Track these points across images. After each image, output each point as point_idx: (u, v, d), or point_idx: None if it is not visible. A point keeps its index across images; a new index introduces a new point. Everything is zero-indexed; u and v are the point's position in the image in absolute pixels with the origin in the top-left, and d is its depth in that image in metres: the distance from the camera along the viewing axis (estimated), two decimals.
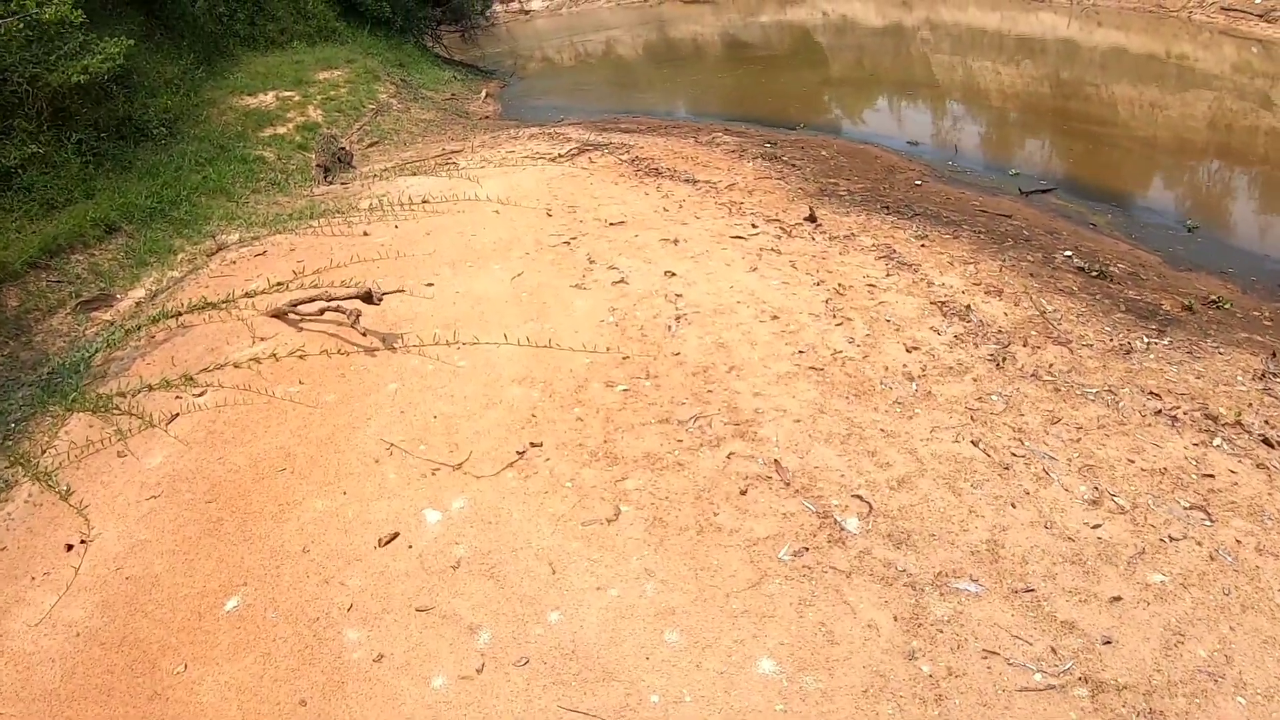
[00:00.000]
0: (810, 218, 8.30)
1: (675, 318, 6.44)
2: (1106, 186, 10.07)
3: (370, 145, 13.01)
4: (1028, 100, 13.48)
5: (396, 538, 4.52)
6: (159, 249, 8.89)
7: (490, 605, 4.13)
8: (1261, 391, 5.84)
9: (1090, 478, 5.06)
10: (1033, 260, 7.87)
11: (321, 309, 6.52)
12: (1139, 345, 6.61)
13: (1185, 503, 4.77)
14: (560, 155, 10.90)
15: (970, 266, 7.57)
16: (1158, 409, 5.64)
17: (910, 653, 3.87)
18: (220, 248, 8.99)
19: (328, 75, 15.12)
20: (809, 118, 13.05)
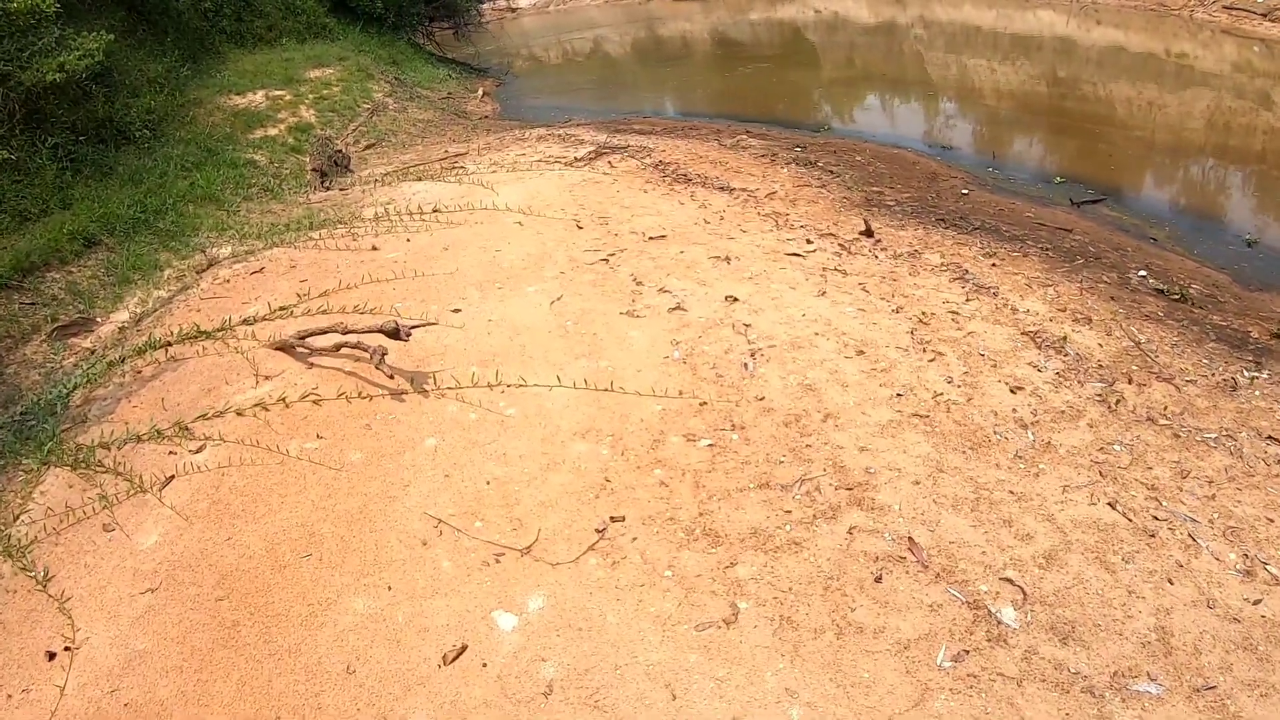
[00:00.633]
0: (867, 232, 7.43)
1: (750, 353, 5.51)
2: (1154, 195, 9.37)
3: (367, 147, 11.88)
4: (1051, 104, 12.74)
5: (465, 652, 3.54)
6: (143, 265, 7.76)
7: None
8: None
9: (1236, 542, 4.32)
10: (1109, 282, 7.09)
11: (337, 345, 5.47)
12: (1242, 380, 5.86)
13: None
14: (577, 159, 9.89)
15: (1050, 289, 6.75)
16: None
17: None
18: (211, 263, 7.87)
19: (319, 73, 13.94)
20: (831, 120, 12.22)
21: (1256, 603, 3.98)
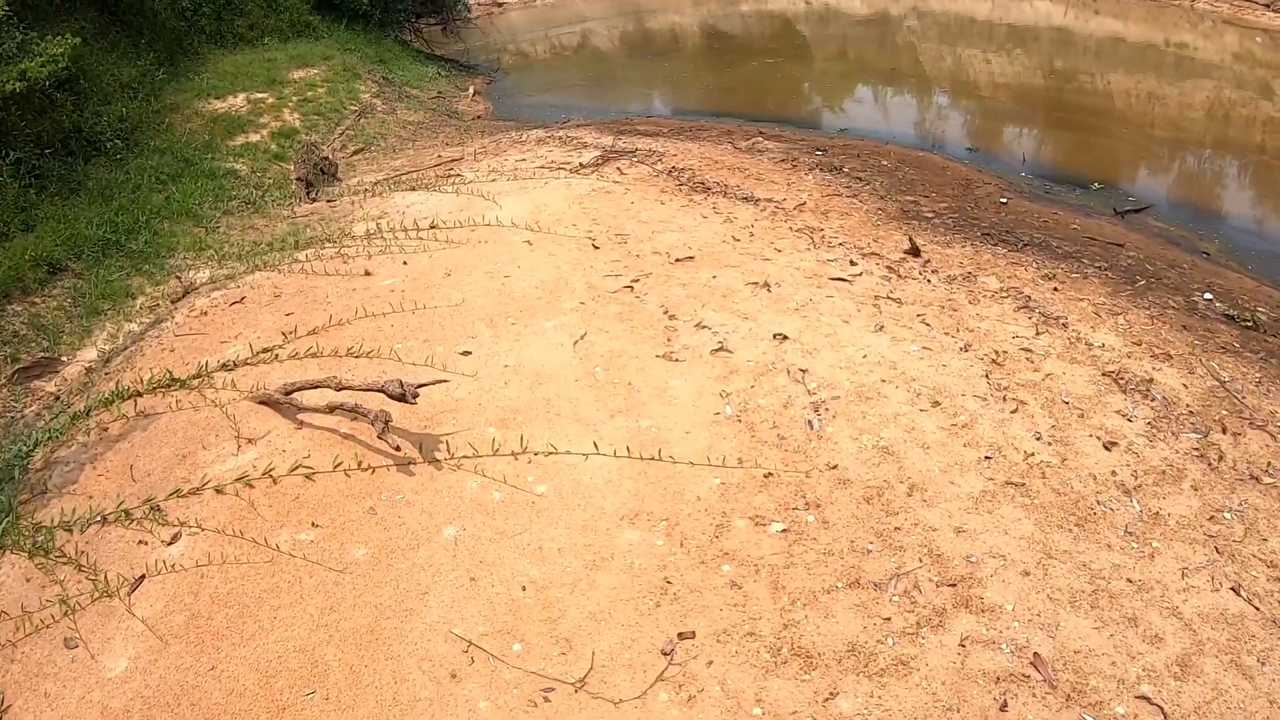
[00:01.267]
0: (913, 250, 6.66)
1: (812, 407, 4.72)
2: (1196, 201, 8.69)
3: (356, 152, 10.91)
4: (1070, 101, 11.97)
5: None
6: (114, 292, 6.87)
7: None
8: None
9: None
10: (1176, 307, 6.39)
11: (331, 406, 4.62)
12: None
13: None
14: (582, 165, 9.01)
15: (1119, 319, 6.03)
16: None
17: None
18: (187, 290, 6.96)
19: (303, 74, 12.92)
20: (845, 119, 11.42)
21: None
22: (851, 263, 6.43)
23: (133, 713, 3.28)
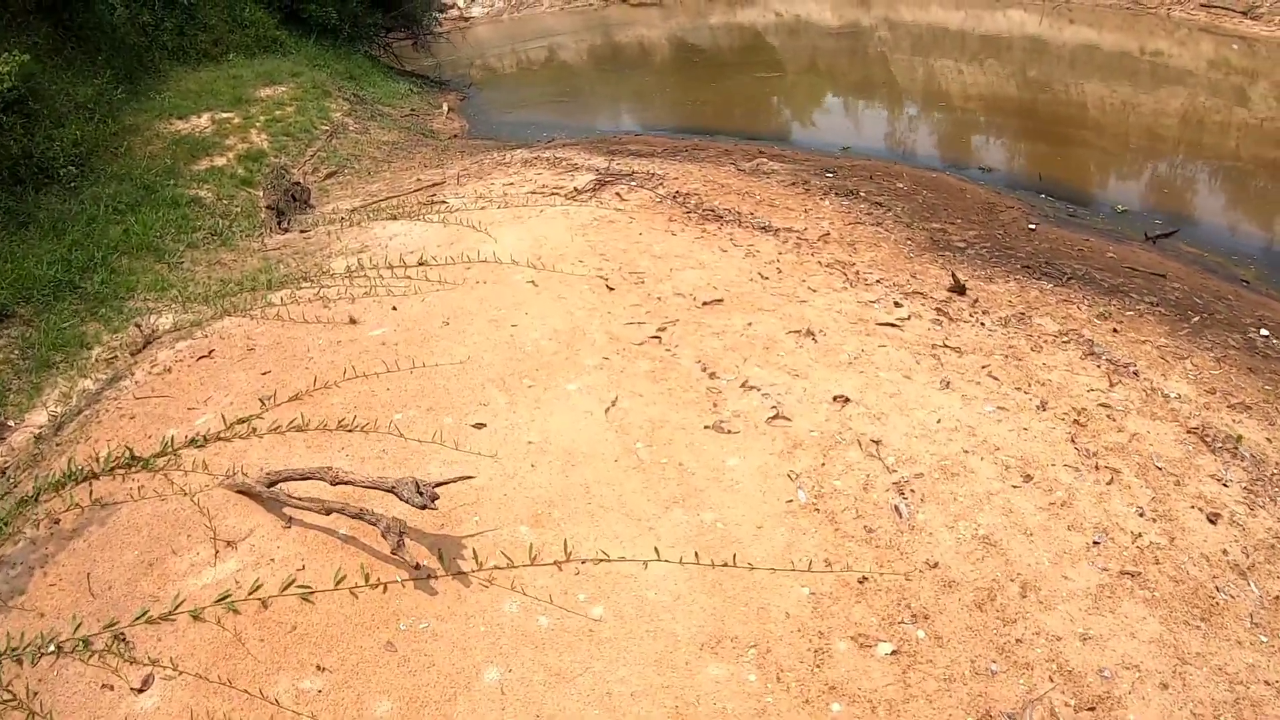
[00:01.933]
0: (958, 288, 6.08)
1: (896, 488, 4.07)
2: (1222, 223, 8.30)
3: (329, 176, 10.03)
4: (1074, 116, 11.51)
5: None
6: (67, 341, 6.01)
7: None
8: None
9: None
10: (1237, 346, 5.92)
11: (328, 510, 3.81)
12: None
13: None
14: (578, 190, 8.27)
15: (1186, 362, 5.52)
16: None
17: None
18: (148, 339, 6.07)
19: (271, 92, 11.96)
20: (846, 137, 10.85)
21: None
22: (896, 304, 5.82)
23: None
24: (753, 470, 4.16)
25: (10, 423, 5.51)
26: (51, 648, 3.53)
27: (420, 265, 6.80)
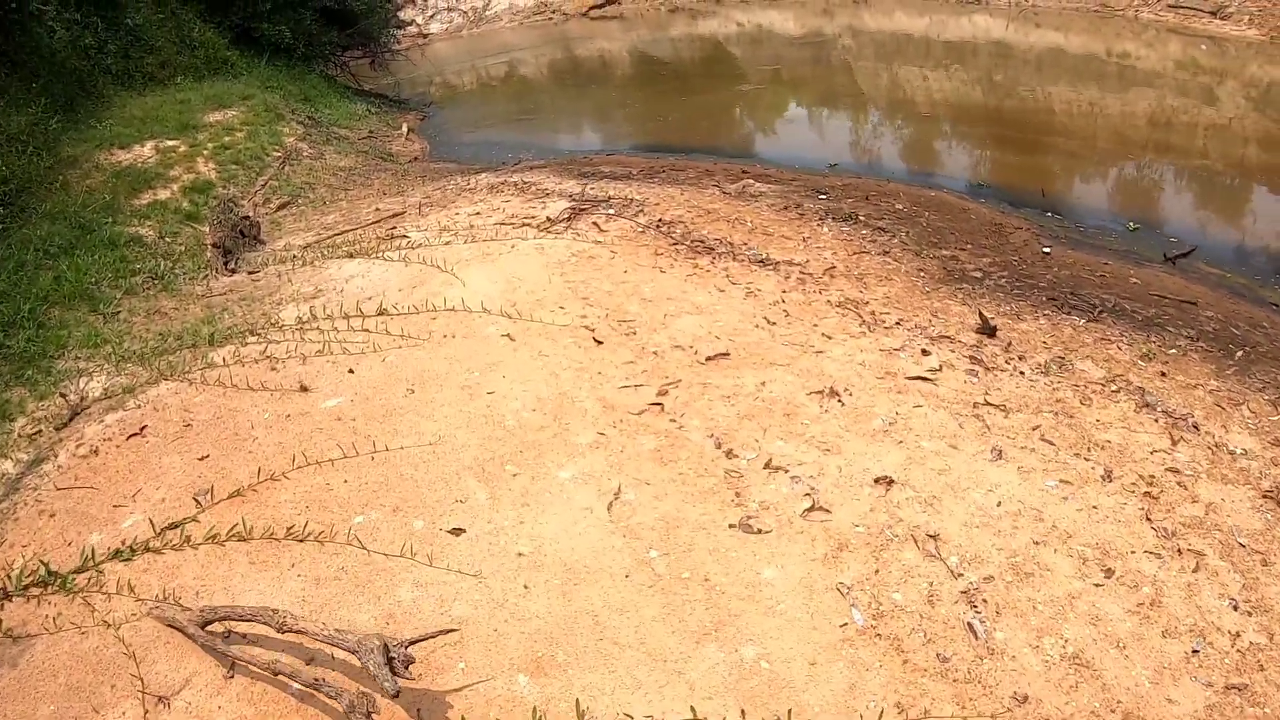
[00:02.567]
0: (986, 329, 5.40)
1: (965, 599, 3.33)
2: (1235, 240, 7.78)
3: (281, 207, 9.13)
4: (1065, 126, 10.95)
5: None
6: None
7: None
8: None
9: None
10: None
11: (274, 671, 2.96)
12: None
13: None
14: (551, 220, 7.45)
15: (1242, 409, 4.89)
16: None
17: None
18: (75, 411, 5.18)
19: (220, 117, 11.01)
20: (828, 153, 10.18)
21: None
22: (924, 352, 5.10)
23: None
24: (795, 584, 3.39)
25: None
26: None
27: (380, 315, 5.93)
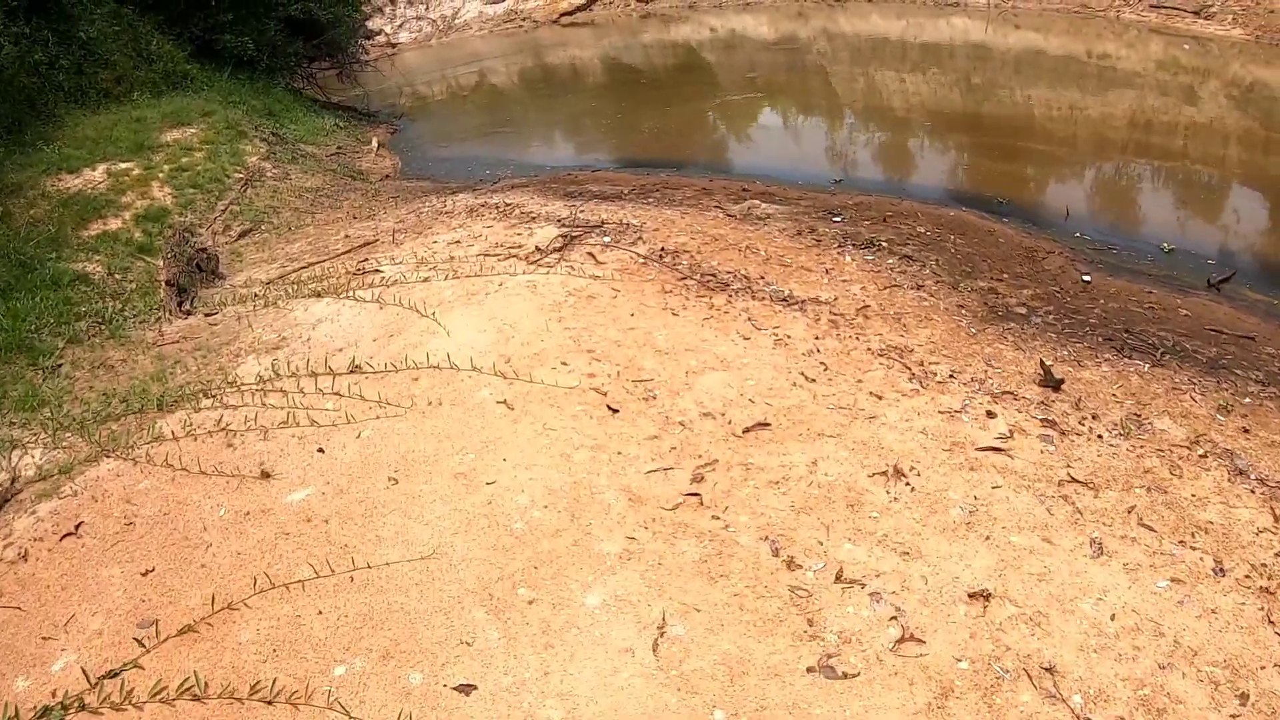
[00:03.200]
0: (1049, 381, 4.71)
1: None
2: (1272, 262, 7.23)
3: (242, 235, 8.30)
4: (1071, 135, 10.35)
5: None
6: None
7: None
8: None
9: None
10: None
11: None
12: None
13: None
14: (540, 250, 6.62)
15: None
16: None
17: None
18: (5, 498, 4.30)
19: (179, 135, 10.10)
20: (832, 167, 9.49)
21: None
22: (989, 414, 4.40)
23: None
24: None
25: None
26: None
27: (353, 372, 5.08)
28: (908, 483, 3.86)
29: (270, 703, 2.93)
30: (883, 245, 6.56)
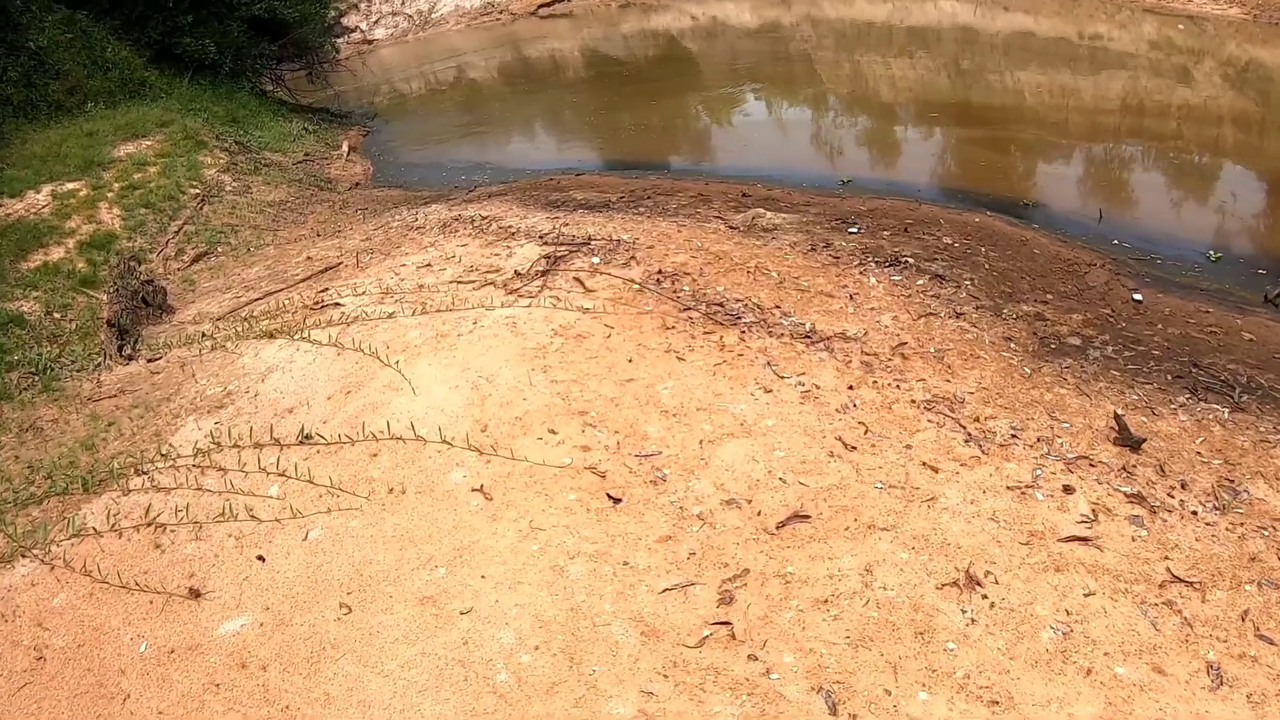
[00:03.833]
0: (1127, 439, 3.92)
1: None
2: None
3: (196, 260, 7.58)
4: (1092, 125, 9.49)
5: None
6: None
7: None
8: None
9: None
10: None
11: None
12: None
13: None
14: (520, 274, 5.73)
15: None
16: None
17: None
18: None
19: (133, 149, 9.23)
20: (836, 165, 8.61)
21: None
22: (1066, 489, 3.60)
23: None
24: None
25: None
26: None
27: (303, 442, 4.21)
28: (985, 595, 3.06)
29: None
30: (909, 262, 5.72)
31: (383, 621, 3.07)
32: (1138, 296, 5.56)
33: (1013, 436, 3.97)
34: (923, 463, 3.77)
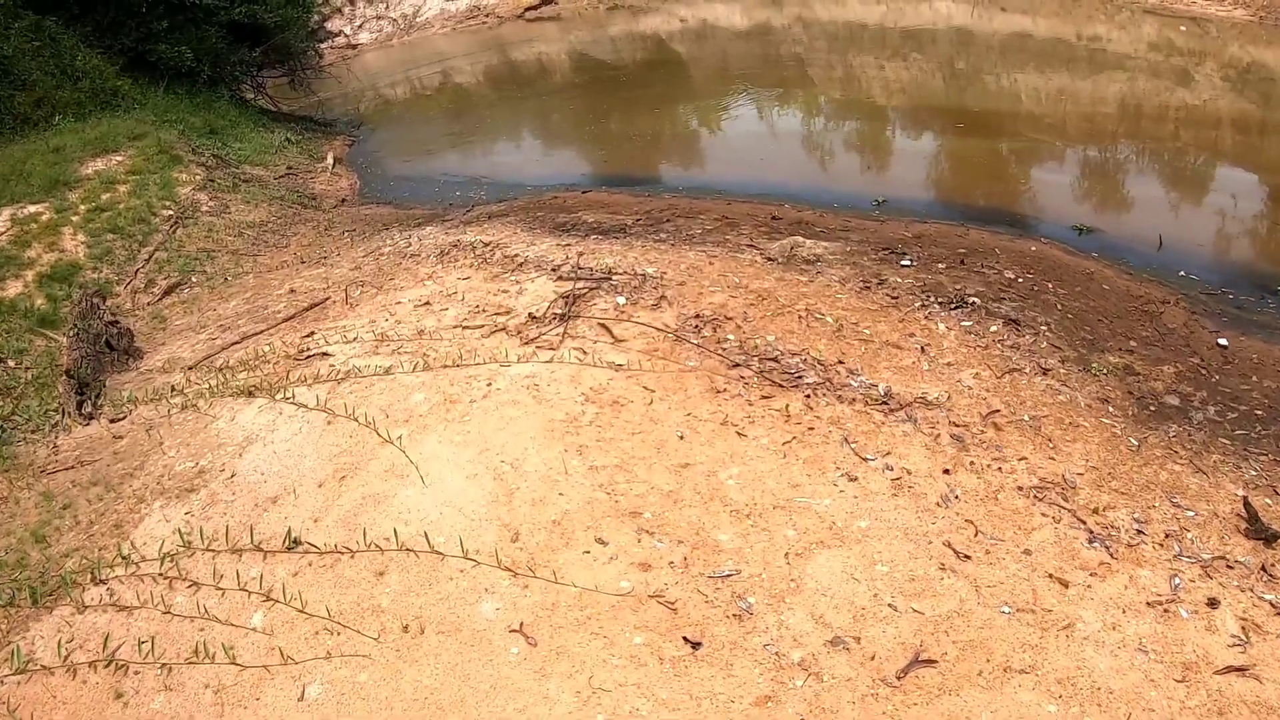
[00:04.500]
0: (1263, 534, 3.27)
1: None
2: None
3: (168, 291, 6.75)
4: (1135, 129, 8.85)
5: None
6: None
7: None
8: None
9: None
10: None
11: None
12: None
13: None
14: (536, 319, 4.95)
15: None
16: None
17: None
18: None
19: (102, 165, 8.35)
20: (866, 182, 7.87)
21: None
22: (1210, 602, 2.93)
23: None
24: None
25: None
26: None
27: (290, 549, 3.41)
28: None
29: None
30: (976, 303, 5.01)
31: None
32: (1222, 341, 4.93)
33: (1138, 532, 3.30)
34: (1048, 574, 3.08)
